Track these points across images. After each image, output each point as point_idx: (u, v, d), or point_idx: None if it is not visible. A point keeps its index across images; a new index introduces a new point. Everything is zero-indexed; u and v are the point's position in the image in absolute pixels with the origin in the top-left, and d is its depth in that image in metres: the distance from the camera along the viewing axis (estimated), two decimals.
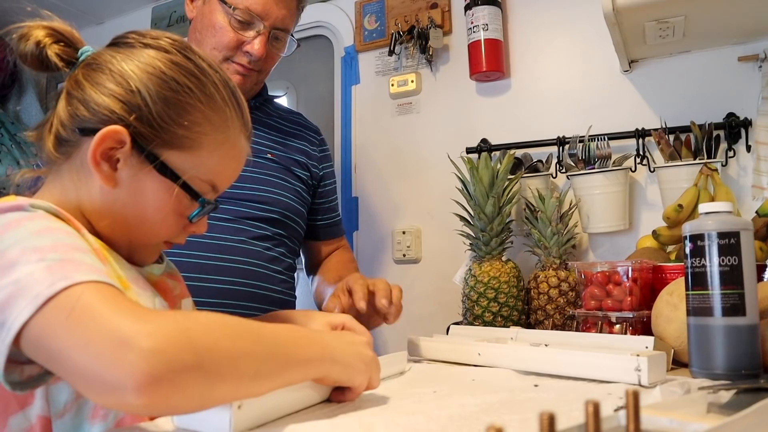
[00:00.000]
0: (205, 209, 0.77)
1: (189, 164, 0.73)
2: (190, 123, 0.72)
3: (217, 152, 0.75)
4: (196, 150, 0.73)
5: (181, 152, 0.72)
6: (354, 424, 0.65)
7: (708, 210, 0.91)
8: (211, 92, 0.74)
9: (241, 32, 1.24)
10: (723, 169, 1.47)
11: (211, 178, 0.76)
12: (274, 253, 1.29)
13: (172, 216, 0.75)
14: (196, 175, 0.74)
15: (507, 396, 0.77)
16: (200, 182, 0.75)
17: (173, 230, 0.77)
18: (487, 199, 1.44)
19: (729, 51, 1.52)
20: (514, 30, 1.81)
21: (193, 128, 0.72)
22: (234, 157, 0.78)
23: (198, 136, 0.73)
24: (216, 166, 0.76)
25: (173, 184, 0.72)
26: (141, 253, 0.79)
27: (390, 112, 1.99)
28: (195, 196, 0.74)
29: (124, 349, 0.49)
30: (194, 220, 0.76)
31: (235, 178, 0.82)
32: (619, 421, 0.50)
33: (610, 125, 1.61)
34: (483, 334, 1.16)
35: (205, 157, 0.74)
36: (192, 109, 0.72)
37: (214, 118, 0.74)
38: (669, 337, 1.02)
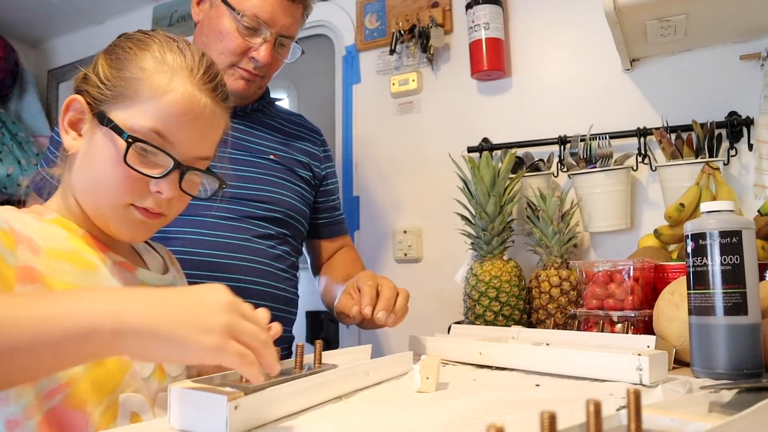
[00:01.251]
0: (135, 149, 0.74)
1: (129, 113, 0.75)
2: (128, 74, 0.76)
3: (155, 97, 0.75)
4: (134, 98, 0.75)
5: (123, 104, 0.75)
6: (355, 424, 0.64)
7: (710, 209, 0.91)
8: (148, 44, 0.78)
9: (248, 39, 1.26)
10: (725, 167, 1.47)
11: (154, 124, 0.75)
12: (278, 251, 1.29)
13: (118, 167, 0.74)
14: (137, 122, 0.74)
15: (508, 395, 0.77)
16: (142, 128, 0.75)
17: (128, 186, 0.76)
18: (489, 198, 1.44)
19: (731, 49, 1.51)
20: (515, 29, 1.81)
21: (130, 78, 0.76)
22: (179, 103, 0.76)
23: (134, 83, 0.75)
24: (157, 111, 0.75)
25: (112, 132, 0.74)
26: (114, 222, 0.78)
27: (391, 112, 1.99)
28: (119, 133, 0.74)
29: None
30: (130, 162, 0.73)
31: (198, 132, 0.79)
32: (620, 421, 0.50)
33: (612, 124, 1.60)
34: (484, 334, 1.16)
35: (143, 102, 0.75)
36: (128, 63, 0.77)
37: (149, 65, 0.76)
38: (670, 337, 1.02)
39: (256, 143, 1.35)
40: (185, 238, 1.19)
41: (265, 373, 0.59)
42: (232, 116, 1.35)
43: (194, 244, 1.19)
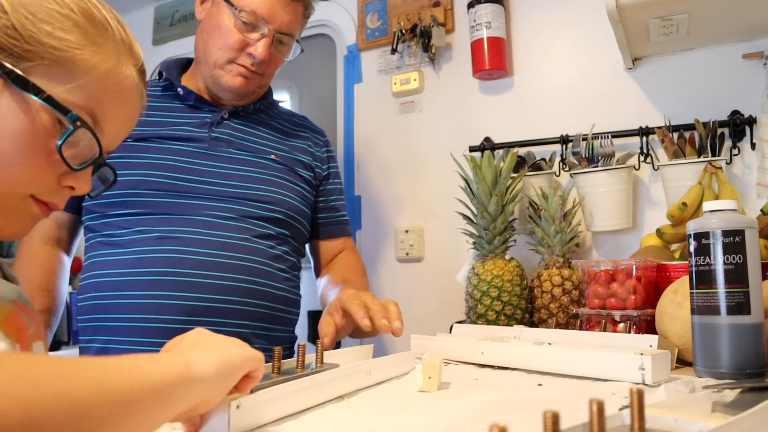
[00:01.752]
0: (77, 137, 0.61)
1: (58, 80, 0.60)
2: (60, 32, 0.60)
3: (95, 72, 0.62)
4: (68, 65, 0.60)
5: (48, 67, 0.59)
6: (357, 423, 0.64)
7: (713, 208, 0.91)
8: (87, 8, 0.63)
9: (246, 34, 1.26)
10: (727, 167, 1.46)
11: (89, 104, 0.62)
12: (278, 251, 1.29)
13: (35, 147, 0.59)
14: (69, 97, 0.60)
15: (510, 395, 0.77)
16: (74, 107, 0.60)
17: (40, 173, 0.61)
18: (490, 197, 1.43)
19: (733, 48, 1.51)
20: (517, 28, 1.81)
21: (63, 39, 0.60)
22: (117, 83, 0.64)
23: (69, 47, 0.60)
24: (94, 89, 0.62)
25: (35, 100, 0.58)
26: (2, 214, 0.62)
27: (392, 111, 1.99)
28: (64, 112, 0.60)
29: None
30: (65, 151, 0.60)
31: (129, 120, 0.68)
32: (623, 420, 0.50)
33: (614, 123, 1.60)
34: (486, 333, 1.15)
35: (80, 75, 0.61)
36: (63, 18, 0.61)
37: (91, 31, 0.62)
38: (673, 336, 1.01)
39: (257, 143, 1.35)
40: (184, 237, 1.19)
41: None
42: (233, 116, 1.37)
43: (193, 244, 1.19)
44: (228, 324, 1.18)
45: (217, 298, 1.18)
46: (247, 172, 1.30)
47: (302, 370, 0.78)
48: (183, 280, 1.17)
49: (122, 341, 1.15)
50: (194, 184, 1.23)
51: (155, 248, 1.18)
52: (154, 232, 1.19)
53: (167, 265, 1.17)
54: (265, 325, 1.24)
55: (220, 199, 1.24)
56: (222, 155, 1.29)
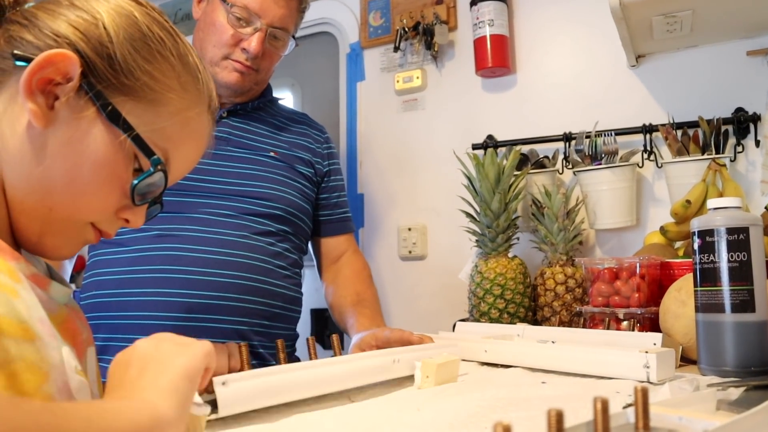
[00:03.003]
0: (153, 181, 0.62)
1: (146, 119, 0.61)
2: (158, 73, 0.62)
3: (179, 117, 0.63)
4: (157, 106, 0.62)
5: (139, 103, 0.60)
6: (359, 420, 0.64)
7: (717, 205, 0.91)
8: (184, 51, 0.65)
9: (239, 29, 1.27)
10: (731, 164, 1.46)
11: (168, 146, 0.63)
12: (278, 248, 1.29)
13: (112, 180, 0.60)
14: (152, 136, 0.61)
15: (514, 393, 0.77)
16: (154, 146, 0.62)
17: (107, 204, 0.62)
18: (493, 195, 1.43)
19: (737, 45, 1.50)
20: (519, 25, 1.80)
21: (160, 80, 0.62)
22: (196, 130, 0.66)
23: (163, 89, 0.62)
24: (175, 132, 0.64)
25: (123, 136, 0.59)
26: (59, 236, 0.62)
27: (395, 109, 1.99)
28: (148, 154, 0.61)
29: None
30: (137, 192, 0.62)
31: (193, 163, 0.70)
32: (627, 419, 0.49)
33: (617, 121, 1.59)
34: (489, 331, 1.15)
35: (165, 117, 0.62)
36: (162, 59, 0.62)
37: (184, 77, 0.64)
38: (677, 334, 1.01)
39: (257, 140, 1.35)
40: (184, 235, 1.20)
41: None
42: (232, 114, 1.36)
43: (193, 242, 1.19)
44: (227, 321, 1.18)
45: (217, 295, 1.18)
46: (247, 170, 1.30)
47: None
48: (182, 277, 1.17)
49: (123, 338, 1.16)
50: (193, 182, 1.24)
51: (155, 246, 1.19)
52: (154, 230, 1.20)
53: (167, 263, 1.18)
54: (264, 323, 1.24)
55: (219, 197, 1.25)
56: (221, 153, 1.29)
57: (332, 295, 1.43)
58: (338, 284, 1.43)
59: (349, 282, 1.42)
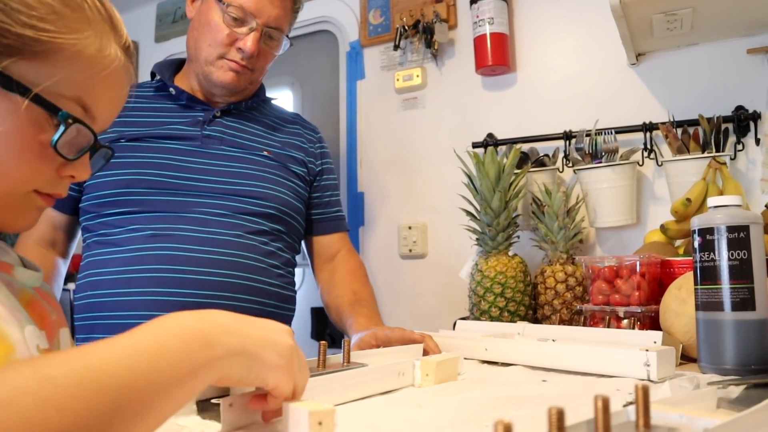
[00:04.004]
0: (72, 132, 0.59)
1: (44, 75, 0.57)
2: (37, 21, 0.56)
3: (80, 59, 0.59)
4: (51, 56, 0.57)
5: (31, 61, 0.56)
6: (359, 417, 0.64)
7: (717, 203, 0.90)
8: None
9: (234, 29, 1.27)
10: (732, 162, 1.46)
11: (79, 94, 0.60)
12: (271, 248, 1.30)
13: (31, 146, 0.58)
14: (56, 89, 0.58)
15: (514, 391, 0.77)
16: (63, 99, 0.58)
17: (39, 170, 0.60)
18: (494, 193, 1.43)
19: (738, 43, 1.50)
20: (519, 24, 1.80)
21: (41, 27, 0.56)
22: (104, 68, 0.61)
23: (50, 37, 0.57)
24: (81, 77, 0.60)
25: (22, 99, 0.56)
26: (8, 211, 0.61)
27: (395, 107, 1.99)
28: (54, 111, 0.57)
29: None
30: (60, 148, 0.58)
31: (118, 101, 0.66)
32: (628, 417, 0.49)
33: (617, 119, 1.59)
34: (490, 330, 1.15)
35: (64, 65, 0.58)
36: (39, 5, 0.56)
37: (69, 15, 0.59)
38: (677, 332, 1.01)
39: (249, 140, 1.35)
40: (178, 235, 1.20)
41: None
42: (226, 114, 1.36)
43: (186, 241, 1.19)
44: None
45: (211, 295, 1.18)
46: (240, 169, 1.30)
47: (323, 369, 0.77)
48: (177, 276, 1.17)
49: None
50: (187, 182, 1.24)
51: (149, 246, 1.19)
52: (148, 230, 1.20)
53: (161, 263, 1.18)
54: None
55: (212, 196, 1.25)
56: (214, 152, 1.29)
57: (328, 295, 1.42)
58: (334, 284, 1.42)
59: (345, 281, 1.41)
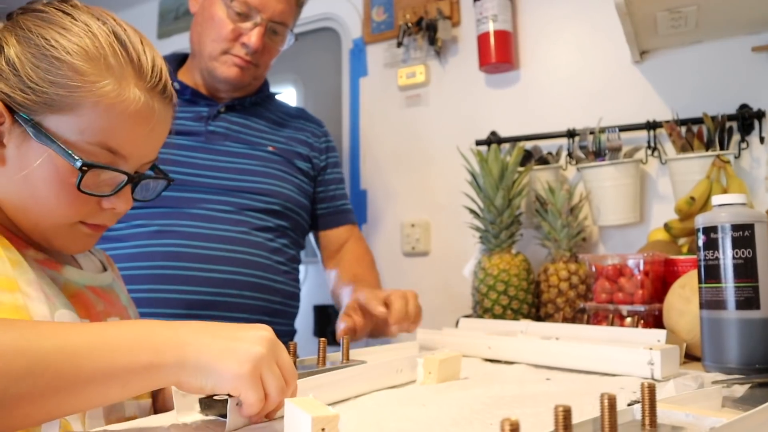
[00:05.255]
0: (91, 176, 0.67)
1: (70, 126, 0.65)
2: (61, 79, 0.64)
3: (100, 108, 0.66)
4: (76, 109, 0.65)
5: (59, 114, 0.65)
6: (363, 415, 0.64)
7: (722, 202, 0.90)
8: (84, 42, 0.66)
9: (239, 24, 1.27)
10: (736, 161, 1.45)
11: (102, 139, 0.67)
12: (277, 244, 1.30)
13: (64, 189, 0.67)
14: (83, 138, 0.66)
15: (518, 389, 0.77)
16: (89, 146, 0.66)
17: (76, 208, 0.69)
18: (497, 191, 1.43)
19: (742, 41, 1.49)
20: (523, 21, 1.80)
21: (65, 84, 0.64)
22: (124, 111, 0.67)
23: (72, 92, 0.65)
24: (103, 123, 0.66)
25: (53, 150, 0.65)
26: (58, 238, 0.71)
27: (398, 105, 1.98)
28: (72, 161, 0.65)
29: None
30: (85, 189, 0.67)
31: (149, 136, 0.72)
32: (633, 415, 0.49)
33: (621, 117, 1.59)
34: (493, 327, 1.15)
35: (88, 114, 0.65)
36: (60, 63, 0.65)
37: (87, 70, 0.65)
38: (681, 331, 1.01)
39: (254, 135, 1.35)
40: (183, 231, 1.20)
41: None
42: (230, 110, 1.36)
43: (192, 237, 1.19)
44: (227, 317, 1.19)
45: (216, 291, 1.18)
46: (244, 165, 1.30)
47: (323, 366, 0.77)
48: (182, 273, 1.17)
49: None
50: (191, 177, 1.24)
51: (154, 242, 1.19)
52: (153, 226, 1.20)
53: (166, 259, 1.18)
54: (264, 318, 1.24)
55: (217, 192, 1.25)
56: (219, 148, 1.29)
57: (332, 281, 1.42)
58: (339, 270, 1.41)
59: (350, 266, 1.41)
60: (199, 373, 0.53)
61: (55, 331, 0.51)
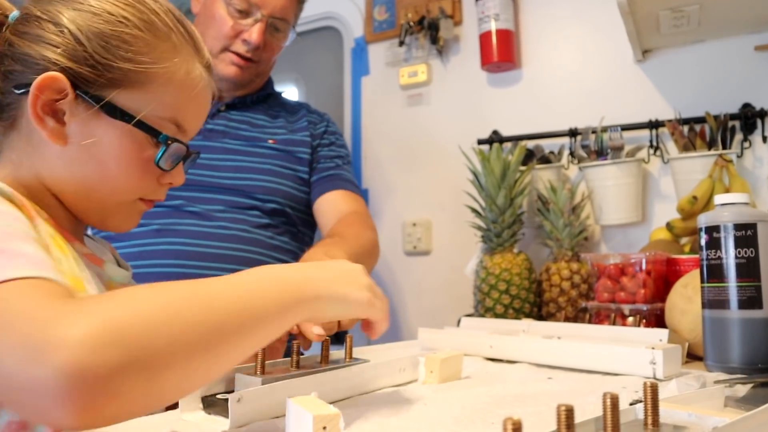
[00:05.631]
0: (171, 150, 0.69)
1: (142, 102, 0.66)
2: (134, 55, 0.65)
3: (171, 84, 0.68)
4: (147, 85, 0.66)
5: (130, 90, 0.65)
6: (365, 414, 0.64)
7: (724, 201, 0.90)
8: (150, 19, 0.67)
9: (239, 21, 1.27)
10: (738, 160, 1.45)
11: (172, 114, 0.69)
12: (277, 241, 1.29)
13: (137, 164, 0.68)
14: (154, 113, 0.67)
15: (520, 388, 0.77)
16: (160, 120, 0.68)
17: (144, 183, 0.70)
18: (499, 190, 1.43)
19: (745, 40, 1.49)
20: (525, 20, 1.79)
21: (138, 60, 0.65)
22: (192, 88, 0.70)
23: (145, 68, 0.66)
24: (173, 100, 0.68)
25: (128, 126, 0.65)
26: (117, 216, 0.72)
27: (400, 104, 1.98)
28: (155, 135, 0.67)
29: (37, 364, 0.40)
30: (163, 164, 0.68)
31: (204, 114, 0.75)
32: (636, 415, 0.49)
33: (623, 116, 1.59)
34: (494, 327, 1.15)
35: (159, 91, 0.67)
36: (132, 39, 0.65)
37: (160, 46, 0.67)
38: (683, 330, 1.01)
39: (255, 131, 1.35)
40: (183, 230, 1.20)
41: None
42: (231, 108, 1.36)
43: (192, 235, 1.20)
44: None
45: None
46: (243, 162, 1.29)
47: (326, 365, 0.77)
48: (182, 272, 1.17)
49: None
50: (192, 176, 1.24)
51: (154, 241, 1.19)
52: (153, 225, 1.20)
53: (167, 257, 1.18)
54: None
55: (216, 191, 1.25)
56: (217, 146, 1.29)
57: None
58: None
59: (332, 228, 1.26)
60: (333, 303, 0.60)
61: (213, 284, 0.52)
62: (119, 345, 0.41)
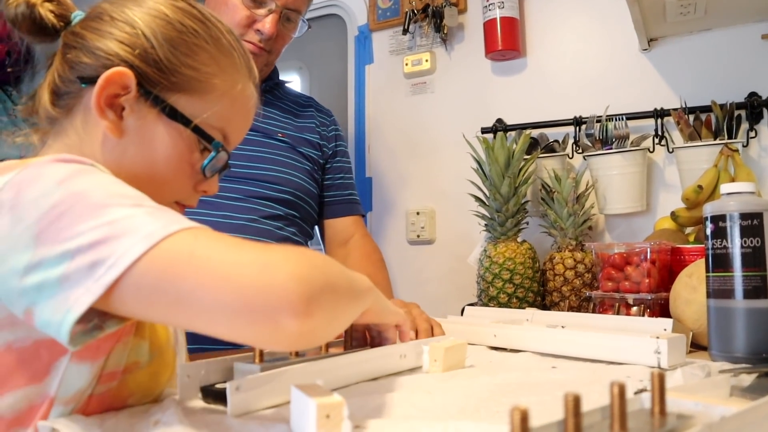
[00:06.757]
0: (218, 158, 0.72)
1: (199, 108, 0.69)
2: (198, 64, 0.69)
3: (227, 97, 0.72)
4: (206, 93, 0.70)
5: (190, 96, 0.69)
6: (369, 403, 0.64)
7: (730, 190, 0.90)
8: (216, 35, 0.72)
9: (253, 10, 1.25)
10: (744, 149, 1.44)
11: (223, 125, 0.72)
12: (286, 232, 1.29)
13: (184, 166, 0.70)
14: (207, 120, 0.70)
15: (525, 377, 0.77)
16: (211, 128, 0.71)
17: (185, 185, 0.72)
18: (503, 179, 1.42)
19: (751, 29, 1.48)
20: (530, 8, 1.78)
21: (202, 70, 0.69)
22: (244, 104, 0.75)
23: (207, 78, 0.70)
24: (226, 112, 0.72)
25: (184, 129, 0.68)
26: None
27: (404, 92, 1.98)
28: (208, 141, 0.70)
29: (271, 274, 0.49)
30: (207, 171, 0.71)
31: (246, 130, 0.78)
32: (641, 404, 0.49)
33: (629, 105, 1.58)
34: (498, 316, 1.15)
35: (215, 101, 0.70)
36: (199, 50, 0.70)
37: (222, 60, 0.72)
38: (688, 320, 1.01)
39: (264, 123, 1.35)
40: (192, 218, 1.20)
41: None
42: None
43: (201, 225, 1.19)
44: None
45: None
46: (254, 152, 1.29)
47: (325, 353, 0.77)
48: None
49: None
50: None
51: None
52: None
53: None
54: None
55: (226, 180, 1.24)
56: None
57: None
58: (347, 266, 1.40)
59: (359, 266, 1.40)
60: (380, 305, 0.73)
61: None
62: (320, 272, 0.52)
